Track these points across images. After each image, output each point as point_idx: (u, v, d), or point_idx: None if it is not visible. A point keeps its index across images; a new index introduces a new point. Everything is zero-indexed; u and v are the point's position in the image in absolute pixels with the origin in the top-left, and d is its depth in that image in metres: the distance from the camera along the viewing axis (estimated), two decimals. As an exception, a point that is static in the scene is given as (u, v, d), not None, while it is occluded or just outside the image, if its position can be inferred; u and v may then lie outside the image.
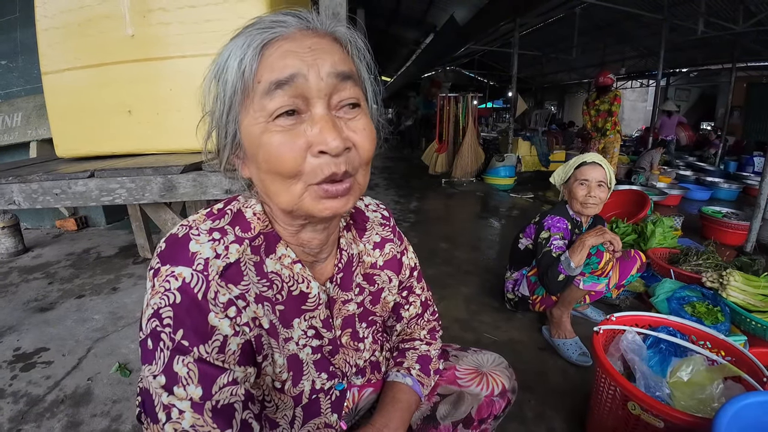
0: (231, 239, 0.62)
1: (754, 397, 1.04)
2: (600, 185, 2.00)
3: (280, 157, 0.56)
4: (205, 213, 0.65)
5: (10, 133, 3.59)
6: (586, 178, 2.01)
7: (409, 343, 0.94)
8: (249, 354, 0.61)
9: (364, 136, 0.59)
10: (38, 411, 1.60)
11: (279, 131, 0.56)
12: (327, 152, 0.55)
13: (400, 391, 0.85)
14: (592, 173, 2.00)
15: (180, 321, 0.55)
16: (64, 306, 2.42)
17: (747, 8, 6.55)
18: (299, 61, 0.55)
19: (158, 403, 0.55)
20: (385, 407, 0.82)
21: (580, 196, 2.02)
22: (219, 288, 0.58)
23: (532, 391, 1.70)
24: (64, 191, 1.48)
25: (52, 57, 1.77)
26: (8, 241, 3.24)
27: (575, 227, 2.10)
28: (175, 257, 0.58)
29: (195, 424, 0.54)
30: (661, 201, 5.13)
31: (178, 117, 1.69)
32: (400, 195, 5.68)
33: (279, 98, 0.55)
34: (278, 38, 0.57)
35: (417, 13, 11.18)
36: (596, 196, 2.00)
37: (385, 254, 0.84)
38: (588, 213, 2.06)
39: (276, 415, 0.69)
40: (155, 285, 0.57)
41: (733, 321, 1.93)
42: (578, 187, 2.03)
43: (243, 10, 1.57)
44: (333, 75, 0.57)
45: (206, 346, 0.56)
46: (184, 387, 0.54)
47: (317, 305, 0.71)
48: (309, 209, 0.59)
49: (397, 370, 0.89)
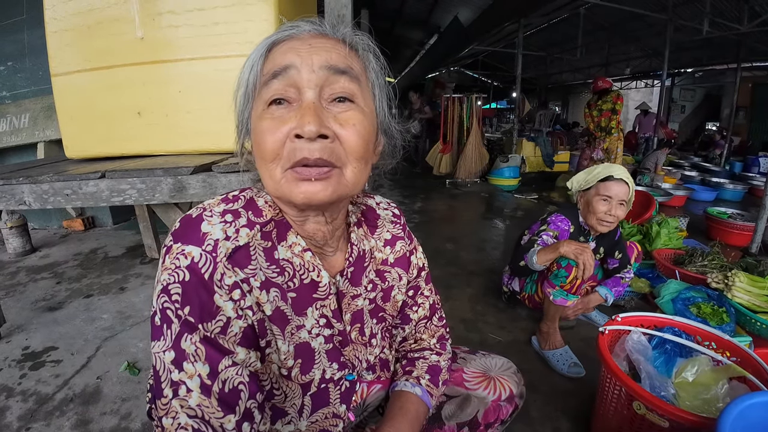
0: (243, 223, 0.63)
1: (758, 397, 1.04)
2: (621, 204, 1.87)
3: (263, 140, 0.60)
4: (221, 198, 0.67)
5: (18, 134, 3.62)
6: (609, 195, 1.86)
7: (419, 353, 0.92)
8: (251, 338, 0.63)
9: (350, 129, 0.60)
10: (48, 409, 1.61)
11: (269, 117, 0.60)
12: (302, 136, 0.56)
13: (408, 400, 0.84)
14: (617, 190, 1.85)
15: (188, 298, 0.57)
16: (72, 305, 2.44)
17: (752, 8, 6.53)
18: (296, 55, 0.60)
19: (166, 380, 0.56)
20: (394, 416, 0.81)
21: (599, 212, 1.87)
22: (225, 270, 0.59)
23: (538, 391, 1.70)
24: (75, 192, 1.50)
25: (62, 59, 1.79)
26: (16, 241, 3.26)
27: (580, 234, 2.02)
28: (186, 236, 0.59)
29: (201, 404, 0.55)
30: (666, 202, 5.12)
31: (188, 118, 1.71)
32: (404, 195, 5.69)
33: (273, 87, 0.60)
34: (287, 39, 0.62)
35: (421, 14, 11.19)
36: (615, 216, 1.87)
37: (396, 251, 0.85)
38: (601, 231, 1.95)
39: (285, 404, 0.70)
40: (165, 261, 0.59)
41: (738, 322, 1.93)
42: (599, 202, 1.88)
43: (251, 12, 1.58)
44: (325, 68, 0.60)
45: (211, 324, 0.57)
46: (192, 363, 0.56)
47: (328, 294, 0.72)
48: (287, 193, 0.60)
49: (406, 379, 0.87)
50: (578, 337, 2.11)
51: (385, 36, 13.51)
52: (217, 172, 1.49)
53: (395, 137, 0.75)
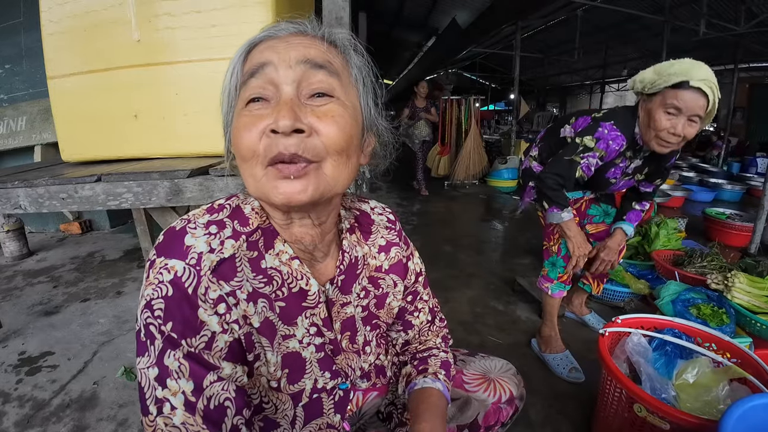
0: (228, 234, 0.62)
1: (759, 399, 1.04)
2: (692, 121, 1.44)
3: (240, 137, 0.59)
4: (206, 208, 0.65)
5: (15, 137, 3.61)
6: (679, 107, 1.42)
7: (428, 352, 0.92)
8: (237, 352, 0.61)
9: (328, 121, 0.58)
10: (44, 415, 1.60)
11: (247, 115, 0.59)
12: (276, 131, 0.55)
13: (434, 395, 0.83)
14: (691, 101, 1.40)
15: (170, 313, 0.55)
16: (69, 310, 2.43)
17: (749, 9, 6.54)
18: (273, 52, 0.60)
19: (151, 396, 0.55)
20: (425, 414, 0.79)
21: (662, 128, 1.47)
22: (210, 284, 0.58)
23: (538, 394, 1.70)
24: (70, 195, 1.48)
25: (58, 62, 1.78)
26: (13, 244, 3.25)
27: (634, 153, 1.66)
28: (170, 250, 0.58)
29: (185, 421, 0.54)
30: (664, 203, 5.12)
31: (184, 121, 1.70)
32: (402, 198, 5.69)
33: (251, 86, 0.59)
34: (267, 39, 0.62)
35: (419, 16, 11.23)
36: (680, 135, 1.45)
37: (390, 258, 0.83)
38: (659, 151, 1.55)
39: (276, 416, 0.69)
40: (149, 276, 0.58)
41: (738, 323, 1.92)
42: (662, 115, 1.46)
43: (248, 15, 1.58)
44: (303, 62, 0.59)
45: (195, 339, 0.56)
46: (176, 380, 0.54)
47: (317, 302, 0.70)
48: (267, 193, 0.59)
49: (424, 377, 0.86)
50: (578, 339, 2.10)
51: (383, 38, 13.54)
52: (213, 175, 1.48)
53: (384, 135, 0.73)
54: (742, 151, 9.32)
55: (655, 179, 1.83)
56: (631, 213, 1.89)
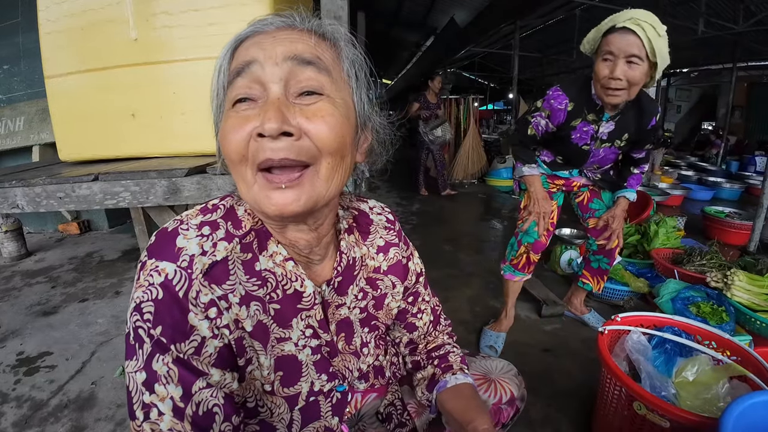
0: (221, 235, 0.60)
1: (759, 397, 1.04)
2: (631, 62, 1.42)
3: (227, 139, 0.56)
4: (200, 208, 0.64)
5: (13, 137, 3.60)
6: (611, 51, 1.44)
7: (442, 349, 0.91)
8: (227, 358, 0.60)
9: (319, 122, 0.55)
10: (42, 416, 1.60)
11: (234, 116, 0.57)
12: (263, 134, 0.53)
13: (471, 388, 0.83)
14: (621, 42, 1.41)
15: (160, 317, 0.54)
16: (67, 310, 2.42)
17: (747, 8, 6.54)
18: (259, 49, 0.57)
19: (138, 401, 0.54)
20: (476, 410, 0.77)
21: (602, 75, 1.48)
22: (201, 287, 0.56)
23: (538, 393, 1.69)
24: (68, 195, 1.48)
25: (56, 61, 1.78)
26: (11, 245, 3.24)
27: (589, 112, 1.63)
28: (161, 251, 0.57)
29: (173, 428, 0.53)
30: (663, 201, 5.12)
31: (182, 120, 1.70)
32: (402, 197, 5.68)
33: (237, 85, 0.57)
34: (253, 34, 0.59)
35: (418, 15, 11.20)
36: (621, 78, 1.44)
37: (389, 258, 0.82)
38: (610, 102, 1.54)
39: (272, 419, 0.68)
40: (140, 278, 0.56)
41: (737, 321, 1.93)
42: (600, 64, 1.49)
43: (246, 13, 1.57)
44: (290, 59, 0.56)
45: (184, 345, 0.55)
46: (164, 386, 0.53)
47: (313, 304, 0.69)
48: (259, 202, 0.57)
49: (453, 373, 0.86)
50: (578, 338, 2.10)
51: (382, 38, 13.53)
52: (211, 173, 1.47)
53: (379, 131, 0.71)
54: (741, 150, 9.33)
55: (644, 144, 1.80)
56: (631, 178, 1.91)
